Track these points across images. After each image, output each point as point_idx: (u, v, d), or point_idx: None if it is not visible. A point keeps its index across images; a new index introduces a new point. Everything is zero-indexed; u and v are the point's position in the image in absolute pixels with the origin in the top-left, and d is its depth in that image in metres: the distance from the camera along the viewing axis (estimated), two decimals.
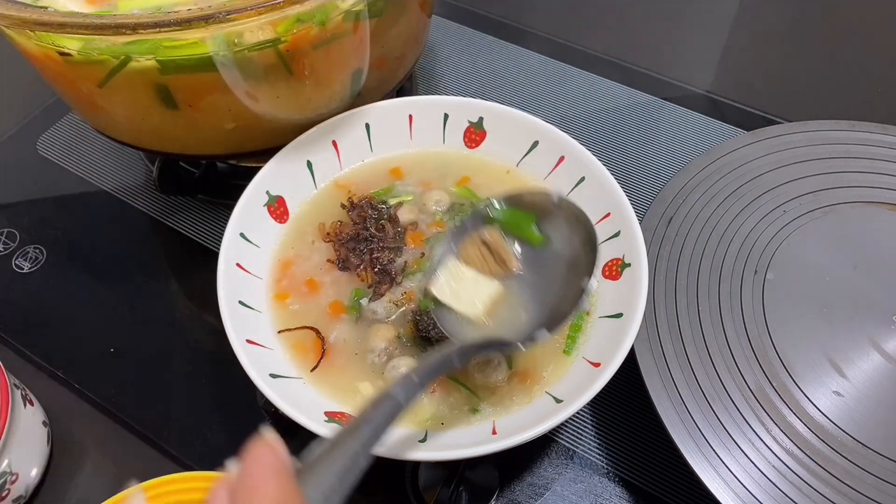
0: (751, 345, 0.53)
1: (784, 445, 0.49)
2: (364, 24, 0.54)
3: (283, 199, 0.57)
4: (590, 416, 0.57)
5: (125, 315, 0.63)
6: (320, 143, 0.58)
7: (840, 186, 0.63)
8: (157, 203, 0.71)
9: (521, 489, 0.53)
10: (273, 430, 0.29)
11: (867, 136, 0.66)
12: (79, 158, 0.75)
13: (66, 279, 0.66)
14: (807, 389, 0.51)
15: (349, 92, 0.58)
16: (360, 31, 0.54)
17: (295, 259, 0.55)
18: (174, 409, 0.57)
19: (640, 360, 0.52)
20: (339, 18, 0.51)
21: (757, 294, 0.56)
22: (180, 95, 0.52)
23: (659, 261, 0.58)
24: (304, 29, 0.49)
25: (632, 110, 0.79)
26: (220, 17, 0.42)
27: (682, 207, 0.61)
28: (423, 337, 0.50)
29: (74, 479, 0.55)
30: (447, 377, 0.49)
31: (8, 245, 0.69)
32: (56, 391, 0.58)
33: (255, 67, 0.50)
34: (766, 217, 0.61)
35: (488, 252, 0.49)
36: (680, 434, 0.49)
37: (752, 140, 0.66)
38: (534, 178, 0.59)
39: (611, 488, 0.53)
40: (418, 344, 0.50)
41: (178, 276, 0.67)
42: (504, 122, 0.60)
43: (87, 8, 0.49)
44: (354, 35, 0.54)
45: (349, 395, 0.48)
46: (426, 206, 0.58)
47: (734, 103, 0.80)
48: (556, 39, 0.87)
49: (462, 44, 0.87)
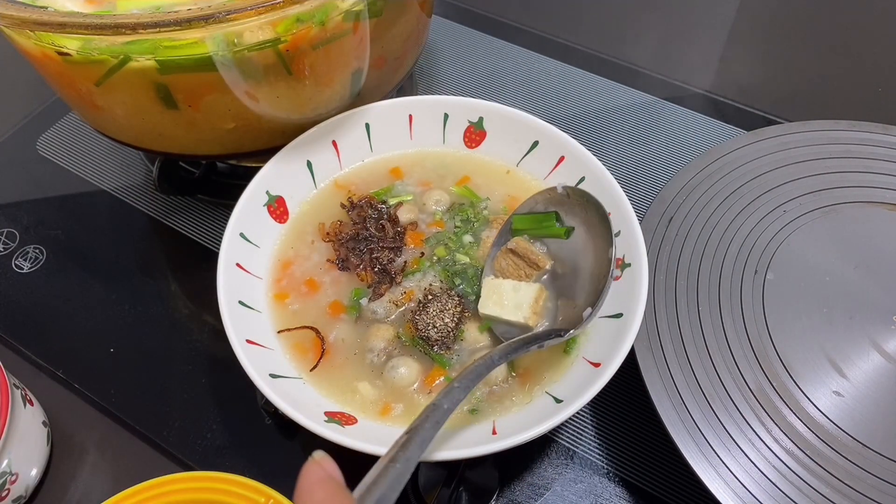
0: (751, 345, 0.53)
1: (784, 445, 0.49)
2: (364, 24, 0.54)
3: (283, 199, 0.57)
4: (590, 416, 0.57)
5: (125, 315, 0.63)
6: (320, 143, 0.58)
7: (840, 186, 0.63)
8: (157, 203, 0.71)
9: (521, 489, 0.53)
10: (322, 451, 0.33)
11: (867, 136, 0.66)
12: (79, 158, 0.75)
13: (66, 279, 0.66)
14: (807, 389, 0.51)
15: (349, 92, 0.58)
16: (359, 31, 0.54)
17: (295, 259, 0.55)
18: (174, 409, 0.57)
19: (640, 360, 0.52)
20: (339, 18, 0.51)
21: (757, 294, 0.56)
22: (180, 95, 0.52)
23: (659, 261, 0.58)
24: (304, 29, 0.49)
25: (632, 110, 0.79)
26: (220, 17, 0.42)
27: (682, 207, 0.61)
28: (422, 337, 0.50)
29: (74, 479, 0.55)
30: (447, 378, 0.49)
31: (8, 245, 0.69)
32: (56, 391, 0.58)
33: (255, 67, 0.50)
34: (766, 217, 0.61)
35: (518, 258, 0.52)
36: (680, 434, 0.49)
37: (752, 140, 0.66)
38: (534, 178, 0.59)
39: (611, 488, 0.53)
40: (417, 344, 0.50)
41: (178, 276, 0.67)
42: (504, 122, 0.60)
43: (87, 8, 0.49)
44: (354, 35, 0.54)
45: (348, 395, 0.48)
46: (426, 205, 0.58)
47: (734, 103, 0.80)
48: (557, 39, 0.87)
49: (462, 44, 0.87)
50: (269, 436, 0.55)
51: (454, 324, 0.50)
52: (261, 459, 0.54)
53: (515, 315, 0.49)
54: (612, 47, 0.86)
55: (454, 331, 0.50)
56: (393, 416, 0.47)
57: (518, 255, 0.52)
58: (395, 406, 0.48)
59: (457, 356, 0.50)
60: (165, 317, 0.63)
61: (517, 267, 0.52)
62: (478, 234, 0.56)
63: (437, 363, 0.49)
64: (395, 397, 0.48)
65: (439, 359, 0.50)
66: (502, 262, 0.53)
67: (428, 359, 0.50)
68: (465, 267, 0.54)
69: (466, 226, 0.57)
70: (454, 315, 0.51)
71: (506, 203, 0.58)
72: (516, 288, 0.50)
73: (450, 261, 0.55)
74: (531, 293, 0.50)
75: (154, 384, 0.59)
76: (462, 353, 0.50)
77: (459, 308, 0.51)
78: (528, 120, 0.59)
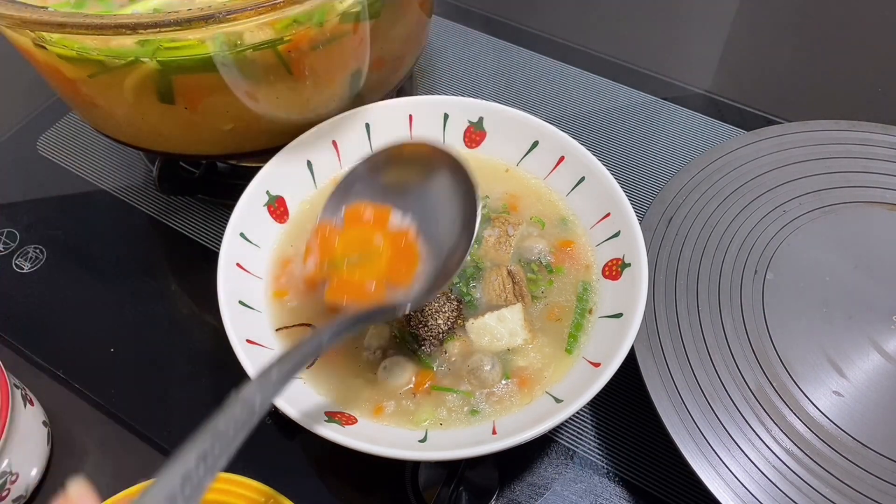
0: (751, 345, 0.53)
1: (784, 445, 0.49)
2: (363, 24, 0.54)
3: (283, 199, 0.57)
4: (590, 416, 0.57)
5: (125, 315, 0.63)
6: (320, 143, 0.58)
7: (840, 186, 0.63)
8: (157, 203, 0.71)
9: (521, 489, 0.53)
10: (80, 481, 0.31)
11: (867, 136, 0.66)
12: (79, 158, 0.75)
13: (66, 279, 0.66)
14: (807, 389, 0.51)
15: (349, 92, 0.58)
16: (359, 31, 0.54)
17: (294, 257, 0.55)
18: (174, 409, 0.57)
19: (640, 360, 0.52)
20: (337, 20, 0.51)
21: (757, 294, 0.56)
22: (180, 96, 0.52)
23: (659, 261, 0.58)
24: (304, 30, 0.49)
25: (632, 110, 0.79)
26: (220, 17, 0.42)
27: (682, 207, 0.61)
28: (412, 333, 0.50)
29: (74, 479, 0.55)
30: (433, 387, 0.48)
31: (8, 245, 0.69)
32: (56, 391, 0.58)
33: (255, 68, 0.50)
34: (766, 217, 0.61)
35: (513, 284, 0.52)
36: (680, 434, 0.49)
37: (752, 140, 0.66)
38: (534, 178, 0.59)
39: (611, 488, 0.53)
40: (406, 341, 0.50)
41: (178, 276, 0.67)
42: (504, 122, 0.60)
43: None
44: (354, 36, 0.54)
45: (345, 393, 0.48)
46: None
47: (734, 103, 0.80)
48: (557, 39, 0.87)
49: (462, 44, 0.87)
50: (269, 436, 0.55)
51: (447, 326, 0.50)
52: (261, 459, 0.54)
53: (515, 341, 0.50)
54: (612, 47, 0.86)
55: (445, 333, 0.50)
56: (386, 415, 0.47)
57: (514, 282, 0.52)
58: (386, 405, 0.48)
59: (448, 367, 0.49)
60: (165, 317, 0.63)
61: (503, 290, 0.52)
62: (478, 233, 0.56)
63: (423, 364, 0.49)
64: (387, 397, 0.48)
65: (425, 359, 0.49)
66: (493, 277, 0.53)
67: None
68: (465, 265, 0.54)
69: None
70: (448, 318, 0.50)
71: (505, 201, 0.58)
72: (500, 318, 0.50)
73: None
74: (517, 315, 0.50)
75: (154, 384, 0.59)
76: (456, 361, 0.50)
77: (455, 313, 0.51)
78: (528, 120, 0.59)
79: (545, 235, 0.56)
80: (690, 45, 0.89)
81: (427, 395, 0.48)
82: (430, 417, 0.47)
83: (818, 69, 0.86)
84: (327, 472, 0.54)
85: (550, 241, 0.56)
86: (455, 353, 0.50)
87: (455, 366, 0.49)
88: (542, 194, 0.59)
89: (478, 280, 0.53)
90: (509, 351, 0.50)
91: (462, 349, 0.50)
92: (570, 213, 0.57)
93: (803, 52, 0.88)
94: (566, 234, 0.56)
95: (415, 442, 0.45)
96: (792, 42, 0.90)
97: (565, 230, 0.56)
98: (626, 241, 0.52)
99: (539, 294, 0.53)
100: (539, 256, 0.55)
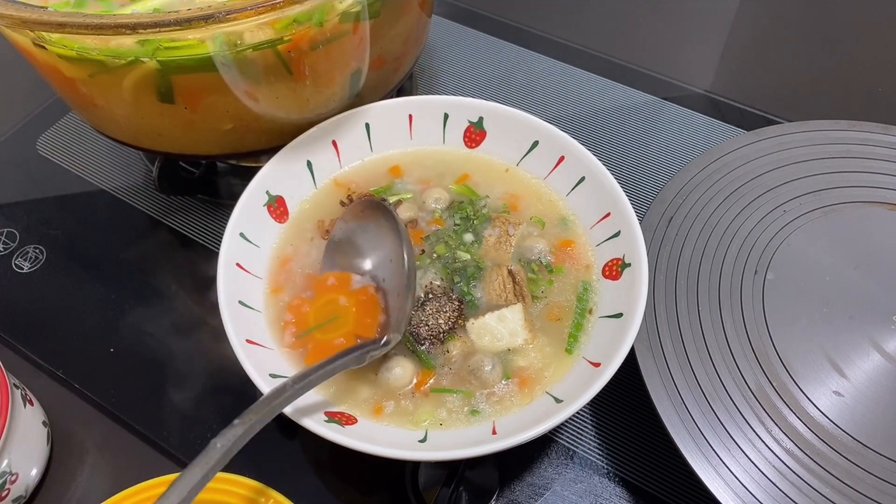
0: (751, 345, 0.53)
1: (784, 445, 0.49)
2: (363, 24, 0.54)
3: (282, 198, 0.57)
4: (590, 416, 0.57)
5: (125, 315, 0.63)
6: (320, 143, 0.58)
7: (840, 186, 0.63)
8: (157, 203, 0.71)
9: (521, 489, 0.53)
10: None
11: (867, 136, 0.66)
12: (79, 158, 0.75)
13: (65, 279, 0.66)
14: (807, 389, 0.51)
15: (349, 92, 0.58)
16: (358, 31, 0.54)
17: (294, 256, 0.55)
18: (174, 409, 0.57)
19: (640, 360, 0.52)
20: (337, 19, 0.51)
21: (757, 294, 0.56)
22: (180, 96, 0.52)
23: (659, 261, 0.58)
24: (303, 29, 0.49)
25: (632, 110, 0.79)
26: (220, 17, 0.42)
27: (682, 207, 0.61)
28: (413, 333, 0.50)
29: (74, 479, 0.55)
30: (433, 389, 0.48)
31: (8, 245, 0.69)
32: (56, 391, 0.58)
33: (255, 68, 0.50)
34: (766, 217, 0.61)
35: (514, 284, 0.53)
36: (680, 434, 0.49)
37: (752, 140, 0.66)
38: (534, 178, 0.59)
39: (611, 488, 0.53)
40: (407, 339, 0.50)
41: (178, 276, 0.67)
42: (504, 122, 0.60)
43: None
44: (353, 35, 0.54)
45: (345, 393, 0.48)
46: (425, 203, 0.58)
47: (734, 103, 0.80)
48: (557, 39, 0.87)
49: (462, 44, 0.87)
50: (269, 436, 0.55)
51: (448, 326, 0.50)
52: (261, 459, 0.54)
53: (516, 341, 0.50)
54: (612, 47, 0.86)
55: (446, 333, 0.50)
56: (386, 416, 0.47)
57: (514, 281, 0.53)
58: (386, 405, 0.48)
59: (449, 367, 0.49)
60: (165, 317, 0.63)
61: (504, 290, 0.52)
62: (479, 233, 0.56)
63: (423, 363, 0.49)
64: (387, 397, 0.48)
65: (425, 359, 0.49)
66: (493, 277, 0.53)
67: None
68: (466, 264, 0.54)
69: (466, 223, 0.57)
70: (449, 318, 0.50)
71: (505, 200, 0.58)
72: (500, 318, 0.50)
73: (450, 258, 0.55)
74: (517, 315, 0.51)
75: (154, 384, 0.59)
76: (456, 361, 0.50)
77: (457, 313, 0.51)
78: (528, 120, 0.59)
79: (545, 235, 0.56)
80: (690, 45, 0.89)
81: (427, 396, 0.48)
82: (430, 417, 0.47)
83: (818, 69, 0.86)
84: (327, 472, 0.54)
85: (550, 240, 0.56)
86: (456, 353, 0.50)
87: (456, 366, 0.49)
88: (543, 194, 0.59)
89: (478, 280, 0.53)
90: (510, 351, 0.50)
91: (463, 349, 0.50)
92: (570, 212, 0.57)
93: (803, 52, 0.88)
94: (566, 234, 0.56)
95: (415, 442, 0.45)
96: (792, 42, 0.90)
97: (565, 230, 0.56)
98: (627, 241, 0.52)
99: (539, 294, 0.53)
100: (539, 256, 0.55)
